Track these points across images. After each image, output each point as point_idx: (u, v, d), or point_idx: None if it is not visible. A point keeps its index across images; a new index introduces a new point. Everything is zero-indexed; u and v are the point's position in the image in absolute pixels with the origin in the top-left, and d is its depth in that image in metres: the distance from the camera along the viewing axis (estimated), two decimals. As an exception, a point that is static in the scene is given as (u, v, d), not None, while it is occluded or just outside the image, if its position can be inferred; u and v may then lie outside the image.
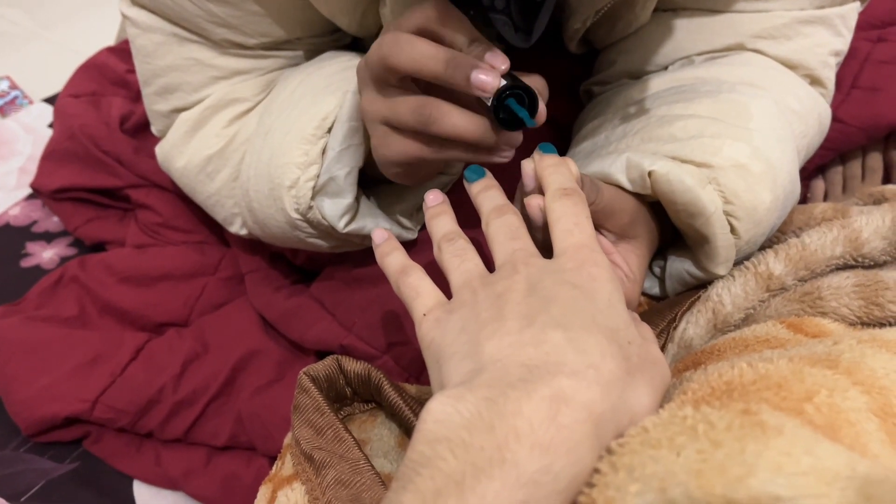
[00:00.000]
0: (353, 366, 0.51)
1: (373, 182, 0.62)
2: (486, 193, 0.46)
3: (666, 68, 0.64)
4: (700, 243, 0.53)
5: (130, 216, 0.91)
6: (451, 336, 0.38)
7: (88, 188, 0.90)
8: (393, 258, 0.46)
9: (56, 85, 1.02)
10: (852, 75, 0.73)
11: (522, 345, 0.34)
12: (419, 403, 0.50)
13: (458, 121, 0.44)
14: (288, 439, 0.51)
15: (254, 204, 0.61)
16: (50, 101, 1.18)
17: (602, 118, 0.63)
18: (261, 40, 0.62)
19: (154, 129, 0.72)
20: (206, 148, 0.66)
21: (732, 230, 0.51)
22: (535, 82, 0.46)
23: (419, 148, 0.47)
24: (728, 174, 0.50)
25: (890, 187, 0.64)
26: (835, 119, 0.71)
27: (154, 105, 0.68)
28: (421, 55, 0.43)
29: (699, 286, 0.56)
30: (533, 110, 0.44)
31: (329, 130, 0.56)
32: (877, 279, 0.48)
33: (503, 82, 0.42)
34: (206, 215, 0.76)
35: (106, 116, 0.93)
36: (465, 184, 0.48)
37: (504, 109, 0.43)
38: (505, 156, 0.47)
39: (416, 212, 0.63)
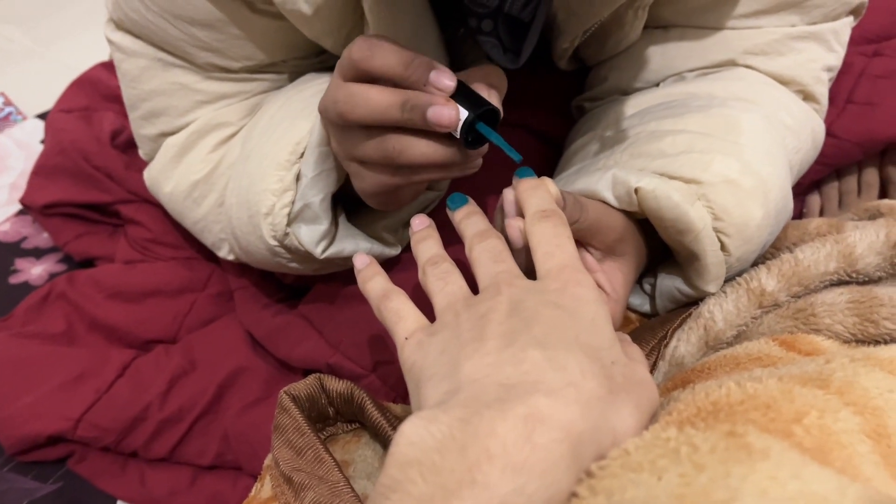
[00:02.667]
0: (336, 385, 0.50)
1: (354, 199, 0.61)
2: (469, 220, 0.46)
3: (657, 84, 0.63)
4: (690, 260, 0.52)
5: (120, 232, 0.91)
6: (431, 358, 0.38)
7: (78, 203, 0.89)
8: (374, 283, 0.46)
9: (51, 101, 1.02)
10: (847, 90, 0.72)
11: (501, 364, 0.34)
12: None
13: (425, 149, 0.43)
14: (268, 460, 0.50)
15: (237, 231, 0.61)
16: (43, 116, 1.17)
17: (592, 133, 0.62)
18: (245, 63, 0.61)
19: (141, 153, 0.71)
20: (192, 174, 0.65)
21: (723, 247, 0.50)
22: (488, 76, 0.45)
23: (392, 178, 0.47)
24: (718, 190, 0.49)
25: (886, 202, 0.63)
26: (830, 134, 0.70)
27: (141, 129, 0.68)
28: (376, 105, 0.42)
29: (690, 303, 0.55)
30: (496, 123, 0.44)
31: (302, 156, 0.55)
32: (871, 295, 0.47)
33: (462, 114, 0.42)
34: None
35: (97, 131, 0.93)
36: (448, 211, 0.48)
37: (471, 133, 0.43)
38: (475, 165, 0.47)
39: (401, 228, 0.62)
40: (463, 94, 0.43)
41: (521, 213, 0.45)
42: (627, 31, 0.60)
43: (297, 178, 0.55)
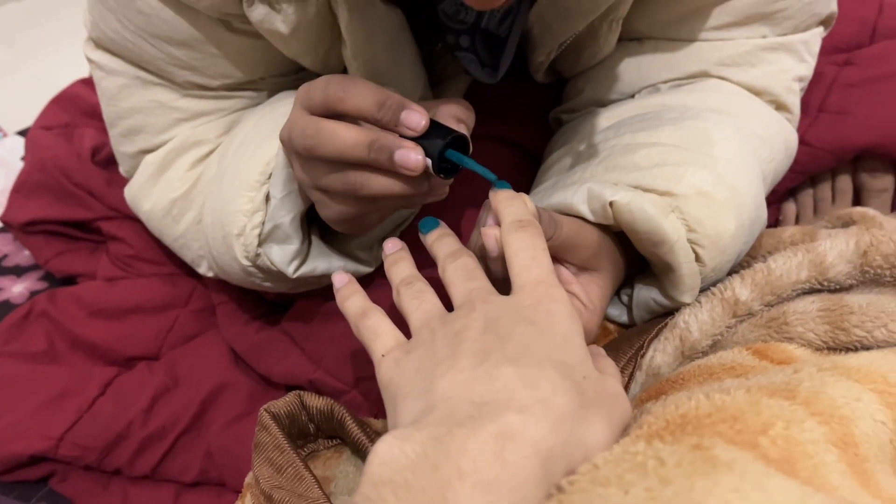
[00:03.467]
0: (316, 402, 0.50)
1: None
2: (441, 241, 0.47)
3: (633, 96, 0.64)
4: (665, 272, 0.52)
5: (102, 249, 0.90)
6: (407, 375, 0.38)
7: (59, 221, 0.89)
8: (352, 302, 0.46)
9: (31, 118, 1.02)
10: (819, 99, 0.73)
11: (474, 382, 0.34)
12: None
13: (386, 183, 0.44)
14: (249, 478, 0.50)
15: (213, 249, 0.61)
16: (24, 133, 1.17)
17: (568, 147, 0.63)
18: (223, 81, 0.61)
19: (122, 170, 0.71)
20: (171, 191, 0.65)
21: (697, 258, 0.51)
22: (455, 111, 0.46)
23: (356, 207, 0.48)
24: (691, 202, 0.50)
25: (858, 210, 0.64)
26: (803, 142, 0.71)
27: (120, 147, 0.68)
28: (343, 143, 0.43)
29: (667, 314, 0.56)
30: (467, 150, 0.45)
31: (270, 176, 0.56)
32: (842, 303, 0.48)
33: (435, 144, 0.43)
34: None
35: (78, 148, 0.92)
36: (420, 235, 0.48)
37: (444, 162, 0.44)
38: (442, 193, 0.48)
39: (375, 245, 0.63)
40: (432, 126, 0.43)
41: (498, 224, 0.46)
42: (602, 44, 0.61)
43: (267, 198, 0.55)
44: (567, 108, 0.70)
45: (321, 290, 0.67)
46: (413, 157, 0.42)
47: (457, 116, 0.46)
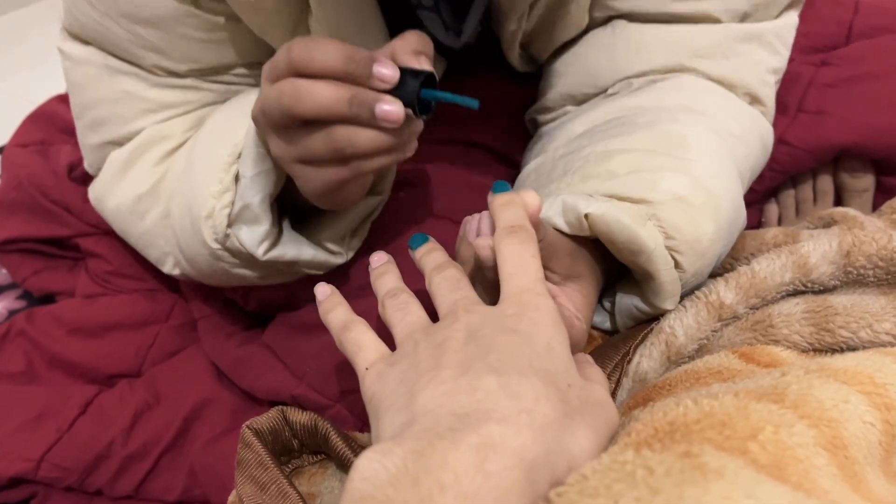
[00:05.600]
0: (299, 417, 0.49)
1: (298, 209, 0.61)
2: (429, 256, 0.47)
3: (606, 91, 0.64)
4: (645, 279, 0.52)
5: (80, 266, 0.89)
6: (390, 388, 0.38)
7: (36, 238, 0.88)
8: (335, 314, 0.46)
9: (8, 135, 1.01)
10: (798, 99, 0.73)
11: (456, 393, 0.34)
12: None
13: (374, 137, 0.44)
14: (233, 497, 0.49)
15: (181, 241, 0.60)
16: (0, 150, 1.16)
17: (544, 156, 0.63)
18: (190, 66, 0.61)
19: (86, 164, 0.71)
20: (137, 187, 0.64)
21: (677, 264, 0.51)
22: (412, 45, 0.45)
23: (338, 172, 0.47)
24: (667, 208, 0.49)
25: (839, 210, 0.64)
26: (782, 142, 0.71)
27: (86, 139, 0.68)
28: (324, 99, 0.42)
29: (650, 319, 0.55)
30: (435, 83, 0.46)
31: (240, 157, 0.55)
32: (826, 305, 0.48)
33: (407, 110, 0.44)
34: None
35: (54, 165, 0.91)
36: (410, 251, 0.49)
37: (419, 102, 0.44)
38: (413, 147, 0.48)
39: (348, 237, 0.62)
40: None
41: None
42: (573, 12, 0.61)
43: (237, 179, 0.55)
44: (541, 106, 0.69)
45: (302, 302, 0.66)
46: (394, 110, 0.42)
47: (415, 50, 0.45)
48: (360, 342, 0.43)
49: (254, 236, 0.56)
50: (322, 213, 0.61)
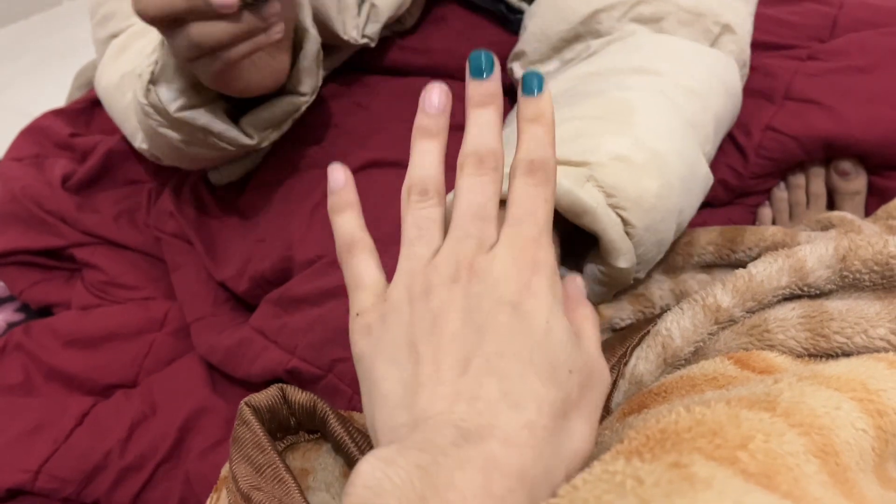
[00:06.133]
0: (298, 396, 0.48)
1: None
2: (482, 115, 0.40)
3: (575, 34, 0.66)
4: (601, 240, 0.51)
5: (77, 276, 0.90)
6: (382, 367, 0.36)
7: (32, 250, 0.89)
8: (345, 220, 0.42)
9: (3, 147, 1.01)
10: (784, 86, 0.74)
11: (456, 398, 0.33)
12: (365, 437, 0.49)
13: (220, 27, 0.50)
14: (225, 471, 0.48)
15: (138, 113, 0.67)
16: (-3, 162, 1.16)
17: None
18: None
19: (97, 59, 0.80)
20: (124, 67, 0.73)
21: (625, 222, 0.50)
22: None
23: (212, 64, 0.54)
24: (607, 169, 0.49)
25: (836, 214, 0.64)
26: (770, 128, 0.72)
27: (96, 34, 0.77)
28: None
29: (648, 320, 0.55)
30: None
31: None
32: (822, 310, 0.48)
33: None
34: (151, 269, 0.79)
35: (48, 176, 0.92)
36: (468, 68, 0.40)
37: None
38: (278, 30, 0.54)
39: (270, 129, 0.68)
40: None
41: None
42: None
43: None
44: (518, 50, 0.72)
45: (288, 275, 0.69)
46: None
47: None
48: (360, 276, 0.40)
49: (170, 93, 0.62)
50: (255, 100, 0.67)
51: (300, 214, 0.72)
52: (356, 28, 0.73)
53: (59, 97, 1.13)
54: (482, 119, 0.39)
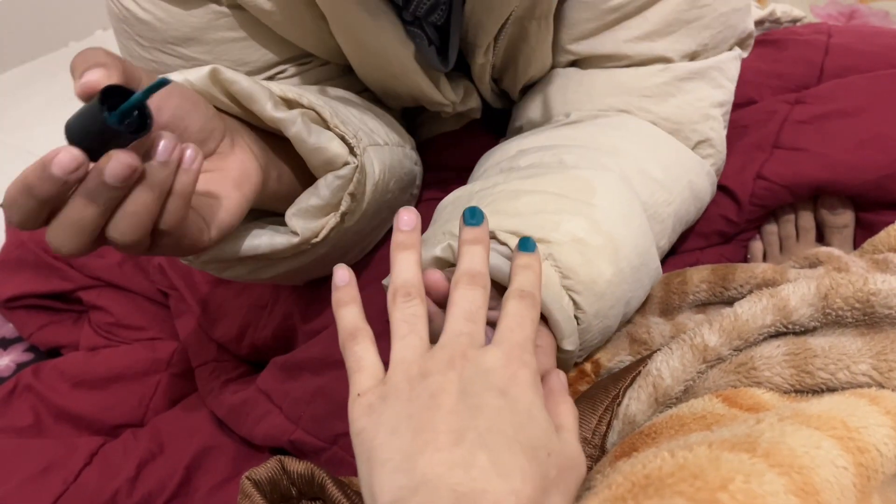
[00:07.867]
0: (297, 466, 0.50)
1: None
2: (473, 249, 0.46)
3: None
4: (547, 320, 0.52)
5: (84, 318, 0.91)
6: (382, 437, 0.38)
7: (40, 294, 0.91)
8: (347, 312, 0.44)
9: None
10: (773, 135, 0.75)
11: (452, 465, 0.36)
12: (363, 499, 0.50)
13: (77, 204, 0.37)
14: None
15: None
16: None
17: (464, 189, 0.62)
18: (244, 69, 0.62)
19: None
20: None
21: (576, 305, 0.51)
22: (89, 60, 0.38)
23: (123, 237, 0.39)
24: (564, 249, 0.51)
25: (824, 250, 0.65)
26: (760, 177, 0.73)
27: None
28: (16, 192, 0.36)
29: (638, 361, 0.57)
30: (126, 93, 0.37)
31: None
32: (805, 347, 0.49)
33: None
34: (157, 311, 0.78)
35: (56, 220, 0.94)
36: (462, 224, 0.47)
37: (124, 118, 0.36)
38: (185, 183, 0.40)
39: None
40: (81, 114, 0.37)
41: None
42: (535, 47, 0.63)
43: None
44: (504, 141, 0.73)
45: (294, 343, 0.69)
46: (60, 157, 0.35)
47: (95, 64, 0.38)
48: (361, 360, 0.42)
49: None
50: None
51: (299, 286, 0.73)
52: None
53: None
54: (474, 250, 0.45)
